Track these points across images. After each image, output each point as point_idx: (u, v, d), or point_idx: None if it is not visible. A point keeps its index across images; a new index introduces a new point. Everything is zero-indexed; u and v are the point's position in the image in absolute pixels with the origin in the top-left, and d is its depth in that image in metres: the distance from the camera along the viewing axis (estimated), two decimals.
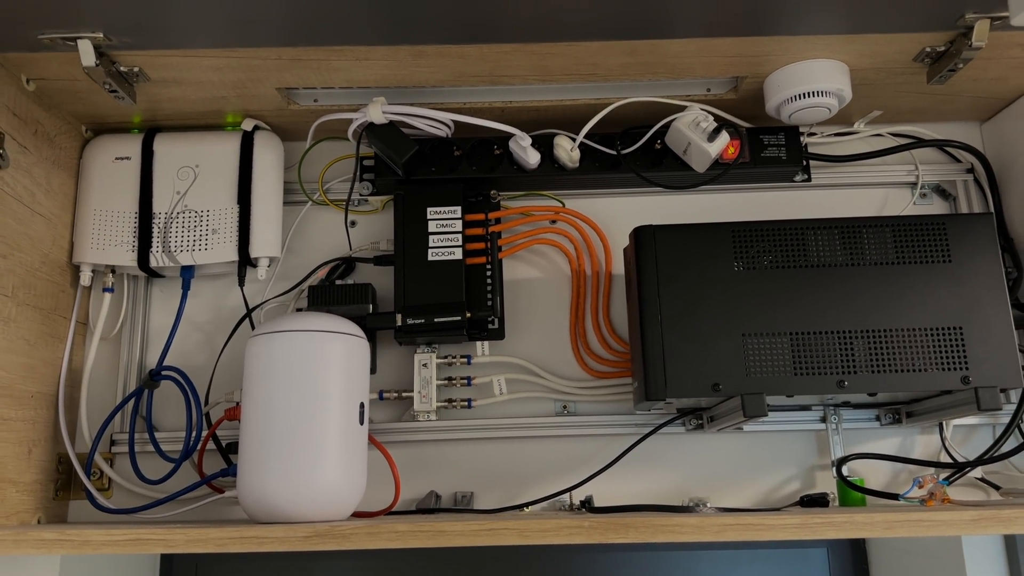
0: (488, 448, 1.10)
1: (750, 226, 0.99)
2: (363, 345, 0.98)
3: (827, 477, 1.09)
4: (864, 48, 1.00)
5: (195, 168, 1.11)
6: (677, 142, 1.09)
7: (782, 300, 0.96)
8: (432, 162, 1.12)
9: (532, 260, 1.17)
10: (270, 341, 0.93)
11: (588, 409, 1.12)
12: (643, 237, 0.99)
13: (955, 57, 0.98)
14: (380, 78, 1.04)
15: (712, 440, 1.11)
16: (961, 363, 0.93)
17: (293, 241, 1.17)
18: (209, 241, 1.09)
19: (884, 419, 1.08)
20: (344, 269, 1.15)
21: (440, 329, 1.06)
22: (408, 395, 1.08)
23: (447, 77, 1.04)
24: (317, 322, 0.95)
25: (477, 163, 1.13)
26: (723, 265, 0.97)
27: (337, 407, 0.93)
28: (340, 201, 1.16)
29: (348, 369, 0.95)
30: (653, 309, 0.96)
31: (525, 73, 1.03)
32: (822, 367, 0.93)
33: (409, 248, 1.09)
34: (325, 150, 1.18)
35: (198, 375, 1.09)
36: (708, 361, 0.94)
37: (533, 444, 1.10)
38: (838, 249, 0.98)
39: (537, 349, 1.13)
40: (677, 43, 0.97)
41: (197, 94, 1.06)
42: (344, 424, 0.93)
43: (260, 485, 0.89)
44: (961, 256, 0.97)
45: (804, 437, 1.11)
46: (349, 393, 0.94)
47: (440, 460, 1.10)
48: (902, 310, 0.95)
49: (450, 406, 1.09)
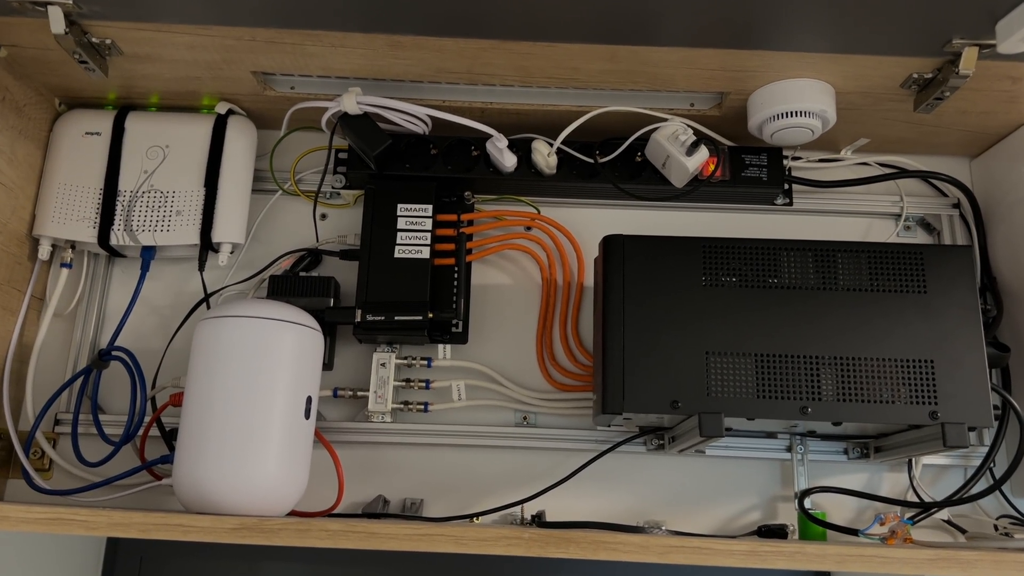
0: (442, 455, 1.07)
1: (722, 242, 0.96)
2: (316, 337, 0.95)
3: (789, 509, 1.06)
4: (850, 70, 0.97)
5: (165, 148, 1.09)
6: (656, 155, 1.07)
7: (749, 320, 0.93)
8: (407, 158, 1.10)
9: (502, 266, 1.14)
10: (219, 326, 0.90)
11: (549, 422, 1.08)
12: (612, 246, 0.96)
13: (942, 85, 0.96)
14: (357, 68, 1.02)
15: (673, 462, 1.07)
16: (930, 398, 0.90)
17: (260, 230, 1.14)
18: (172, 222, 1.07)
19: (852, 453, 1.05)
20: (310, 261, 1.13)
21: (400, 328, 1.03)
22: (363, 394, 1.05)
23: (425, 71, 1.02)
24: (269, 309, 0.92)
25: (453, 163, 1.10)
26: (691, 280, 0.94)
27: (282, 399, 0.90)
28: (311, 192, 1.14)
29: (298, 360, 0.92)
30: (616, 319, 0.93)
31: (504, 73, 1.01)
32: (786, 391, 0.90)
33: (376, 243, 1.06)
34: (300, 140, 1.16)
35: (151, 359, 1.06)
36: (669, 377, 0.91)
37: (489, 454, 1.07)
38: (811, 272, 0.95)
39: (501, 356, 1.10)
40: (659, 51, 0.95)
41: (172, 73, 1.04)
42: (288, 417, 0.90)
43: (195, 474, 0.86)
44: (937, 288, 0.94)
45: (768, 466, 1.07)
46: (297, 385, 0.91)
47: (392, 464, 1.07)
48: (873, 339, 0.92)
49: (406, 408, 1.06)
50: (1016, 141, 1.10)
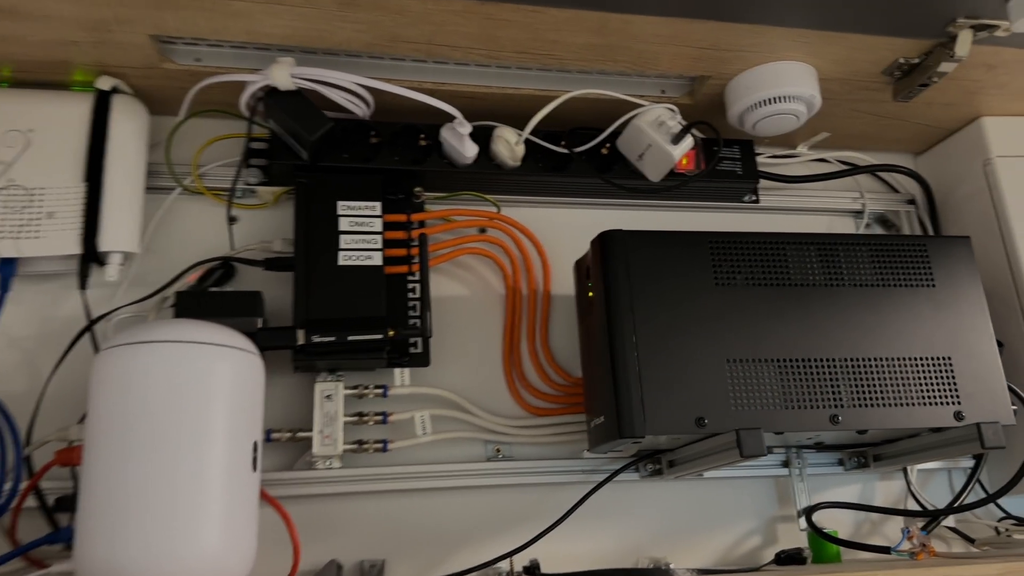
0: (406, 502, 0.88)
1: (728, 237, 0.86)
2: (257, 365, 0.75)
3: (790, 529, 0.96)
4: (839, 52, 0.91)
5: (27, 133, 0.84)
6: (633, 144, 0.96)
7: (766, 322, 0.83)
8: (344, 147, 0.92)
9: (457, 274, 0.98)
10: (130, 356, 0.68)
11: (525, 452, 0.93)
12: (612, 244, 0.83)
13: (928, 71, 0.92)
14: (288, 34, 0.83)
15: (668, 488, 0.95)
16: (953, 397, 0.84)
17: (155, 238, 0.91)
18: (42, 227, 0.82)
19: (849, 463, 0.97)
20: (221, 275, 0.91)
21: (355, 350, 0.84)
22: (305, 435, 0.85)
23: (374, 40, 0.85)
24: (197, 332, 0.71)
25: (400, 153, 0.93)
26: (702, 280, 0.83)
27: (221, 447, 0.69)
28: (218, 190, 0.93)
29: (238, 396, 0.71)
30: (626, 330, 0.80)
31: (470, 44, 0.86)
32: (813, 400, 0.81)
33: (314, 249, 0.87)
34: (202, 128, 0.94)
35: (20, 407, 0.79)
36: (691, 391, 0.79)
37: (461, 496, 0.90)
38: (816, 267, 0.87)
39: (466, 380, 0.94)
40: (652, 23, 0.84)
41: (40, 34, 0.81)
42: (230, 470, 0.69)
43: (109, 555, 0.63)
44: (945, 280, 0.89)
45: (764, 485, 0.98)
46: (239, 428, 0.71)
47: (345, 519, 0.87)
48: (890, 337, 0.85)
49: (360, 449, 0.87)
50: (970, 135, 1.09)
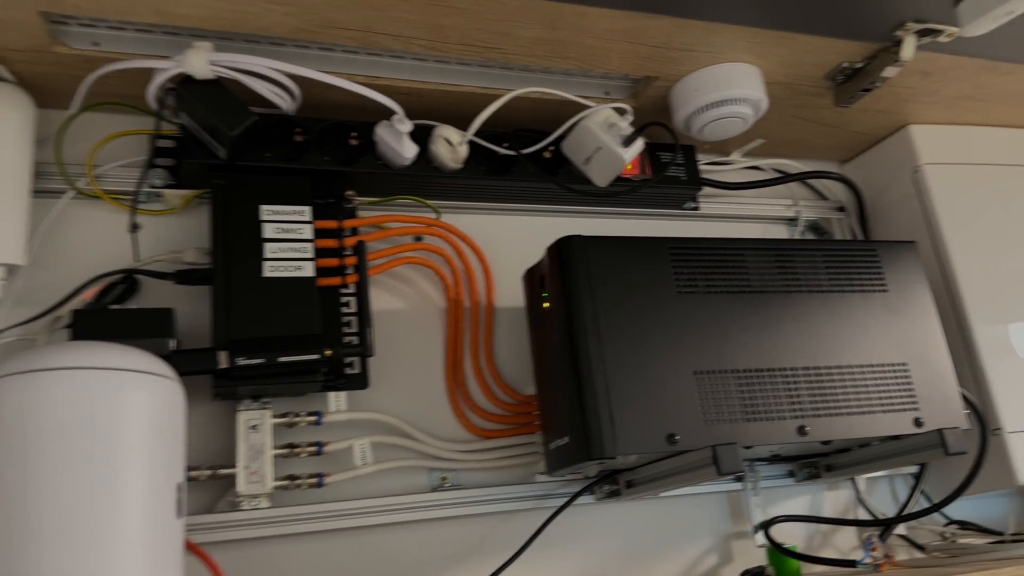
0: (346, 543, 0.79)
1: (688, 243, 0.82)
2: (177, 393, 0.64)
3: (744, 546, 0.93)
4: (786, 53, 0.89)
5: None
6: (581, 147, 0.91)
7: (729, 331, 0.79)
8: (266, 146, 0.82)
9: (392, 286, 0.90)
10: (20, 388, 0.57)
11: (474, 479, 0.86)
12: (571, 250, 0.78)
13: (871, 75, 0.92)
14: (205, 16, 0.73)
15: (623, 510, 0.90)
16: (911, 404, 0.83)
17: (43, 248, 0.78)
18: None
19: (800, 475, 0.95)
20: (124, 290, 0.79)
21: (287, 373, 0.74)
22: (228, 472, 0.74)
23: (304, 25, 0.76)
24: (104, 356, 0.60)
25: (329, 153, 0.85)
26: (665, 287, 0.79)
27: (139, 493, 0.58)
28: (118, 193, 0.81)
29: (158, 430, 0.61)
30: (591, 342, 0.74)
31: (412, 33, 0.79)
32: (780, 411, 0.78)
33: (235, 259, 0.77)
34: (98, 123, 0.82)
35: None
36: (660, 406, 0.74)
37: (406, 532, 0.81)
38: (776, 274, 0.84)
39: (407, 402, 0.85)
40: (607, 17, 0.79)
41: None
42: (151, 520, 0.58)
43: None
44: (895, 285, 0.88)
45: (716, 500, 0.94)
46: (159, 469, 0.60)
47: (275, 565, 0.77)
48: (849, 344, 0.83)
49: (292, 486, 0.77)
50: (898, 142, 1.10)
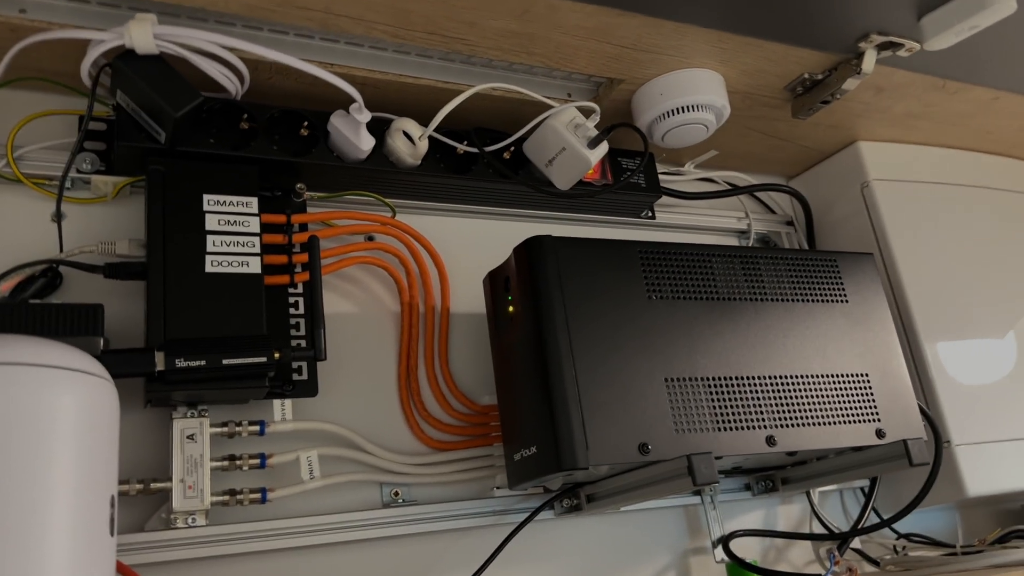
0: (292, 563, 0.72)
1: (656, 247, 0.80)
2: (111, 395, 0.57)
3: (703, 562, 0.91)
4: (751, 61, 0.89)
5: None
6: (544, 147, 0.87)
7: (699, 339, 0.77)
8: (209, 131, 0.76)
9: (342, 288, 0.84)
10: None
11: (428, 494, 0.80)
12: (541, 252, 0.74)
13: (831, 87, 0.92)
14: None
15: (583, 525, 0.86)
16: (872, 415, 0.82)
17: None
18: None
19: (757, 488, 0.94)
20: (44, 283, 0.71)
21: (231, 377, 0.68)
22: (161, 486, 0.67)
23: (260, 3, 0.70)
24: (27, 350, 0.53)
25: (278, 143, 0.79)
26: (635, 292, 0.76)
27: (66, 508, 0.51)
28: (40, 178, 0.73)
29: (89, 437, 0.53)
30: (562, 348, 0.70)
31: (375, 18, 0.74)
32: (748, 420, 0.76)
33: (174, 252, 0.70)
34: (18, 101, 0.75)
35: None
36: (632, 415, 0.71)
37: (356, 551, 0.75)
38: (742, 281, 0.83)
39: (357, 412, 0.80)
40: (578, 12, 0.77)
41: None
42: (80, 539, 0.51)
43: None
44: (855, 296, 0.88)
45: (674, 515, 0.92)
46: (90, 481, 0.53)
47: None
48: (812, 354, 0.82)
49: (233, 502, 0.70)
50: (847, 158, 1.11)
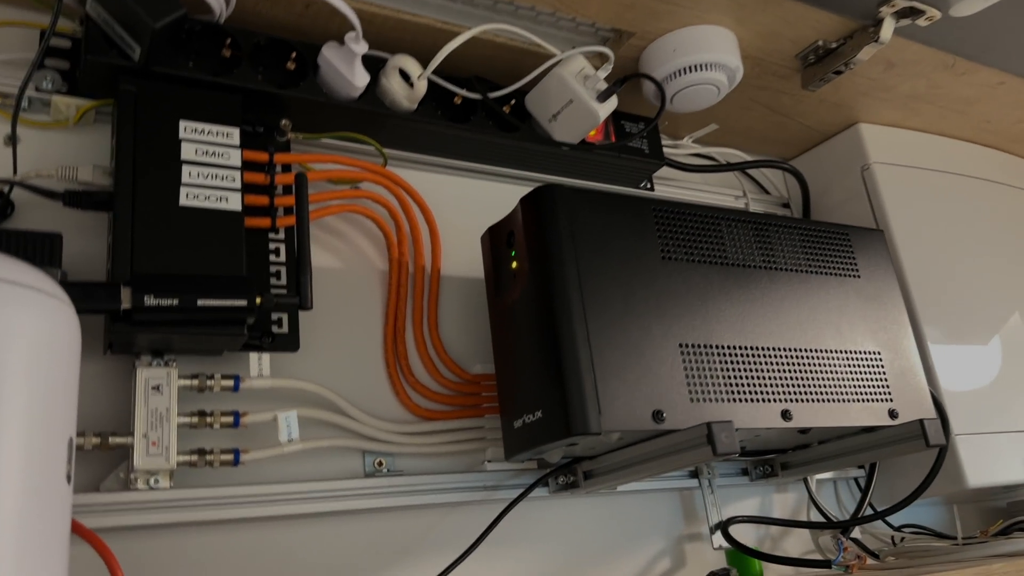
0: (265, 534, 0.65)
1: (671, 207, 0.75)
2: (71, 320, 0.49)
3: (699, 548, 0.86)
4: (768, 21, 0.84)
5: None
6: (549, 100, 0.82)
7: (714, 305, 0.72)
8: (189, 54, 0.68)
9: (324, 239, 0.77)
10: None
11: (414, 466, 0.74)
12: (553, 203, 0.68)
13: (845, 56, 0.89)
14: None
15: (577, 505, 0.80)
16: (885, 394, 0.79)
17: None
18: None
19: (755, 473, 0.89)
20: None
21: (206, 322, 0.60)
22: (121, 441, 0.59)
23: None
24: None
25: (263, 73, 0.72)
26: (650, 252, 0.71)
27: (16, 446, 0.43)
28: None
29: (45, 366, 0.46)
30: (574, 307, 0.65)
31: None
32: (764, 392, 0.71)
33: (145, 181, 0.63)
34: None
35: None
36: (646, 380, 0.65)
37: (335, 523, 0.68)
38: (754, 248, 0.78)
39: (340, 373, 0.73)
40: None
41: None
42: (31, 484, 0.43)
43: None
44: (868, 273, 0.84)
45: (670, 498, 0.87)
46: (44, 417, 0.45)
47: (176, 560, 0.62)
48: (826, 328, 0.78)
49: (201, 462, 0.62)
50: (847, 140, 1.08)
